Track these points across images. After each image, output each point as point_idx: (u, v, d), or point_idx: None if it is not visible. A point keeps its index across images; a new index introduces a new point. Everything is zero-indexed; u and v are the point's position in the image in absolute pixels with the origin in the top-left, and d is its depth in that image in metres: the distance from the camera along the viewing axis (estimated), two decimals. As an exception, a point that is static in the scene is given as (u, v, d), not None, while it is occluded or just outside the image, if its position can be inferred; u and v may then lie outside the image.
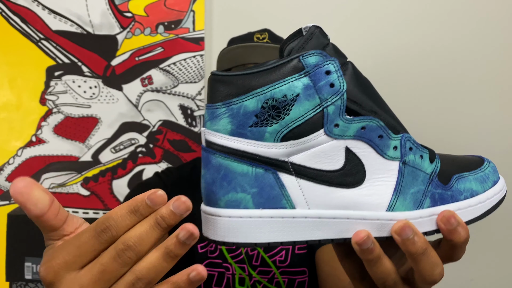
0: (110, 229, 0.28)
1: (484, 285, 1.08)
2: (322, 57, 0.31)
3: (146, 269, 0.28)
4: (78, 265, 0.28)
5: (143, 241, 0.28)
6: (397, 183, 0.33)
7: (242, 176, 0.31)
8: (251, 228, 0.31)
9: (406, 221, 0.32)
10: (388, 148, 0.33)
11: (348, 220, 0.32)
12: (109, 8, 1.13)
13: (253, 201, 0.31)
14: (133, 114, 1.13)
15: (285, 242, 0.32)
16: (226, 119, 0.31)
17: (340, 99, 0.31)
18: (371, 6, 1.10)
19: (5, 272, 1.13)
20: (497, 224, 1.08)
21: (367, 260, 0.32)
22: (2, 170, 1.14)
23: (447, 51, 1.09)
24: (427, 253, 0.32)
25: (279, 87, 0.31)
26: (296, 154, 0.32)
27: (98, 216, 1.12)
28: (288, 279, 0.74)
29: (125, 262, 0.28)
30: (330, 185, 0.32)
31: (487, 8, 1.08)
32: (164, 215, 0.28)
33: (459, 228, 0.33)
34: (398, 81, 1.09)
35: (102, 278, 0.28)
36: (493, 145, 1.08)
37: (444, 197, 0.35)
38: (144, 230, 0.28)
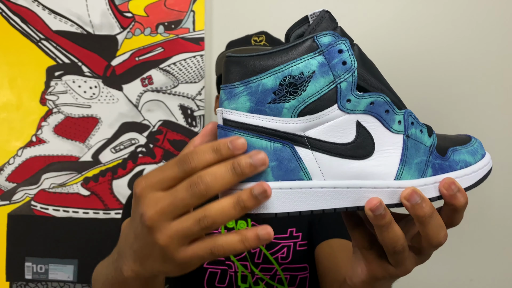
0: (190, 161, 0.30)
1: (484, 285, 1.08)
2: (335, 37, 0.33)
3: (215, 210, 0.30)
4: (160, 188, 0.31)
5: (216, 179, 0.30)
6: (402, 154, 0.36)
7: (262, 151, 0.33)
8: (272, 199, 0.32)
9: (414, 187, 0.35)
10: (394, 122, 0.36)
11: (360, 189, 0.35)
12: (109, 8, 1.13)
13: (272, 173, 0.33)
14: (133, 114, 1.14)
15: (303, 211, 0.33)
16: (245, 97, 0.33)
17: (351, 75, 0.33)
18: (369, 8, 1.10)
19: (5, 272, 1.13)
20: (497, 224, 1.08)
21: (379, 225, 0.34)
22: (2, 170, 1.14)
23: (446, 51, 1.09)
24: (433, 217, 0.35)
25: (296, 65, 0.32)
26: (312, 128, 0.33)
27: (98, 216, 1.12)
28: (290, 275, 0.75)
29: (195, 194, 0.30)
30: (343, 157, 0.34)
31: (487, 8, 1.08)
32: (241, 162, 0.30)
33: (459, 193, 0.36)
34: (396, 80, 1.10)
35: (173, 204, 0.30)
36: (493, 145, 1.08)
37: (443, 167, 0.38)
38: (219, 170, 0.30)
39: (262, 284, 0.75)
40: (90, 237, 1.12)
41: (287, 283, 0.75)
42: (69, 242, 1.12)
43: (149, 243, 0.32)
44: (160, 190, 0.31)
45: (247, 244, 0.31)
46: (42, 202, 1.14)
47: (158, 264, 0.34)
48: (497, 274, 1.08)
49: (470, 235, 1.08)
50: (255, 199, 0.30)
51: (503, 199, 1.08)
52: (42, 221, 1.13)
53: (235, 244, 0.31)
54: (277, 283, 0.75)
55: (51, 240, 1.13)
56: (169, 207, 0.31)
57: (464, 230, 1.08)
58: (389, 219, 0.34)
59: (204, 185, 0.30)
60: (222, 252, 0.31)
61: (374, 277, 0.39)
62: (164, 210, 0.31)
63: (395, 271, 0.38)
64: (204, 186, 0.30)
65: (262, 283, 0.75)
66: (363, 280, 0.40)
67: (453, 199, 0.36)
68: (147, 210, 0.31)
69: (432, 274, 1.09)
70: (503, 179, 1.08)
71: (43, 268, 1.13)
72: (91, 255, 1.12)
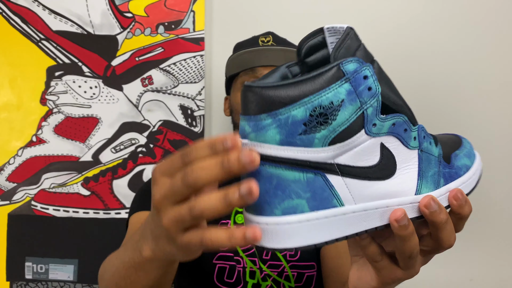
0: (190, 154, 0.33)
1: (484, 285, 1.08)
2: (359, 64, 0.33)
3: (204, 202, 0.31)
4: (167, 174, 0.34)
5: (204, 171, 0.31)
6: (419, 169, 0.37)
7: (295, 183, 0.33)
8: (310, 231, 0.33)
9: (431, 195, 0.37)
10: (411, 139, 0.37)
11: (387, 208, 0.36)
12: (110, 8, 1.13)
13: (308, 205, 0.33)
14: (133, 114, 1.14)
15: (339, 238, 0.34)
16: (274, 130, 0.32)
17: (376, 100, 0.34)
18: (370, 7, 1.10)
19: (6, 272, 1.13)
20: (497, 224, 1.08)
21: (403, 235, 0.36)
22: (3, 170, 1.14)
23: (444, 50, 1.09)
24: (448, 222, 0.38)
25: (326, 95, 0.32)
26: (341, 155, 0.34)
27: (99, 216, 1.12)
28: (297, 273, 0.77)
29: (185, 184, 0.32)
30: (370, 179, 0.35)
31: (487, 8, 1.08)
32: (230, 159, 0.31)
33: (465, 203, 0.39)
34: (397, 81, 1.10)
35: (171, 190, 0.33)
36: (493, 145, 1.08)
37: (451, 174, 0.40)
38: (208, 163, 0.31)
39: (270, 280, 0.76)
40: (90, 237, 1.12)
41: (294, 280, 0.76)
42: (69, 242, 1.12)
43: (159, 224, 0.35)
44: (167, 176, 0.34)
45: (233, 242, 0.32)
46: (42, 202, 1.14)
47: (167, 245, 0.36)
48: (497, 274, 1.08)
49: (470, 235, 1.08)
50: (240, 198, 0.30)
51: (503, 199, 1.08)
52: (42, 221, 1.13)
53: (222, 240, 0.32)
54: (284, 280, 0.76)
55: (51, 240, 1.13)
56: (169, 192, 0.33)
57: (464, 230, 1.08)
58: (412, 229, 0.37)
59: (193, 177, 0.31)
60: (210, 245, 0.32)
61: (385, 283, 0.41)
62: (166, 194, 0.33)
63: (405, 275, 0.40)
64: (193, 177, 0.31)
65: (269, 279, 0.76)
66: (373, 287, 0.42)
67: (460, 208, 0.39)
68: (156, 192, 0.34)
69: (432, 274, 1.09)
70: (503, 179, 1.08)
71: (43, 268, 1.13)
72: (91, 255, 1.12)
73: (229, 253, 0.76)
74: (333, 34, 0.37)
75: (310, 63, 0.38)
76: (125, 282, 0.46)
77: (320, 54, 0.38)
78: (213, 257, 0.76)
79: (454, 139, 0.44)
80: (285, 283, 0.76)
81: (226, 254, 0.76)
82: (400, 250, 0.38)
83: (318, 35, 0.37)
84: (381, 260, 0.40)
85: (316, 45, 0.38)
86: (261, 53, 0.80)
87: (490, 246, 1.08)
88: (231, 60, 0.86)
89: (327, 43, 0.37)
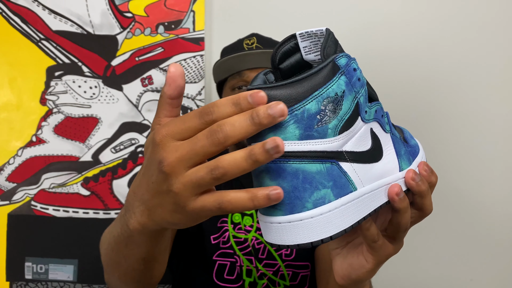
0: (212, 113, 0.31)
1: (484, 285, 1.08)
2: (348, 58, 0.36)
3: (227, 161, 0.30)
4: (180, 136, 0.32)
5: (235, 128, 0.30)
6: (395, 149, 0.42)
7: (318, 174, 0.34)
8: (339, 218, 0.35)
9: (412, 169, 0.42)
10: (385, 124, 0.41)
11: (386, 186, 0.40)
12: (109, 8, 1.13)
13: (333, 193, 0.35)
14: (133, 114, 1.14)
15: (360, 220, 0.37)
16: (293, 125, 0.33)
17: (365, 90, 0.37)
18: (360, 5, 1.10)
19: (5, 272, 1.13)
20: (497, 224, 1.08)
21: (402, 208, 0.40)
22: (3, 170, 1.14)
23: (442, 50, 1.09)
24: (429, 190, 0.43)
25: (331, 87, 0.34)
26: (347, 142, 0.36)
27: (98, 216, 1.12)
28: (292, 272, 0.78)
29: (214, 142, 0.31)
30: (369, 162, 0.38)
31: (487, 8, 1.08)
32: (259, 112, 0.30)
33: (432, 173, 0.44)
34: (386, 83, 1.10)
35: (192, 150, 0.31)
36: (493, 145, 1.08)
37: (412, 152, 0.45)
38: (238, 119, 0.31)
39: (265, 279, 0.77)
40: (90, 237, 1.12)
41: (289, 279, 0.78)
42: (69, 242, 1.12)
43: (163, 191, 0.33)
44: (180, 139, 0.32)
45: (256, 203, 0.31)
46: (42, 202, 1.14)
47: (168, 214, 0.34)
48: (497, 274, 1.08)
49: (470, 235, 1.08)
50: (267, 153, 0.30)
51: (503, 199, 1.08)
52: (42, 221, 1.13)
53: (244, 201, 0.31)
54: (279, 279, 0.77)
55: (51, 240, 1.13)
56: (188, 154, 0.31)
57: (464, 230, 1.08)
58: (407, 201, 0.41)
59: (223, 133, 0.30)
60: (230, 208, 0.32)
61: (380, 262, 0.44)
62: (184, 157, 0.32)
63: (394, 250, 0.44)
64: (223, 134, 0.30)
65: (265, 278, 0.77)
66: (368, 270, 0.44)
67: (429, 177, 0.43)
68: (167, 156, 0.32)
69: (432, 274, 1.09)
70: (503, 179, 1.08)
71: (43, 268, 1.13)
72: (91, 255, 1.12)
73: (229, 250, 0.77)
74: (306, 39, 0.39)
75: (284, 68, 0.40)
76: (118, 256, 0.46)
77: (293, 59, 0.40)
78: (214, 254, 0.77)
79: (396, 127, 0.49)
80: (280, 282, 0.77)
81: (226, 251, 0.77)
82: (399, 223, 0.42)
83: (290, 41, 0.39)
84: (378, 239, 0.42)
85: (288, 51, 0.40)
86: (244, 57, 0.83)
87: (490, 246, 1.08)
88: (217, 66, 0.88)
89: (300, 47, 0.39)
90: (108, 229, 0.52)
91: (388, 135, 0.41)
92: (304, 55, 0.39)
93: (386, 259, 0.44)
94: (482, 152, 1.08)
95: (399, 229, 0.42)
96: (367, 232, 0.41)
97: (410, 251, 1.07)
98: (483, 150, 1.08)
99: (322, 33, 0.38)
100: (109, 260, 0.49)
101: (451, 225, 1.08)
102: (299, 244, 0.35)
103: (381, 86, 1.08)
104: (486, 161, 1.08)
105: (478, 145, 1.08)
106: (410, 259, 1.09)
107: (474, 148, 1.08)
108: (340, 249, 0.47)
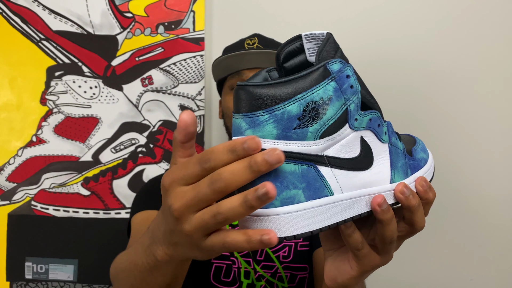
0: (210, 160, 0.33)
1: (484, 285, 1.08)
2: (342, 64, 0.36)
3: (226, 207, 0.32)
4: (185, 182, 0.34)
5: (234, 176, 0.32)
6: (390, 160, 0.42)
7: (291, 174, 0.35)
8: (306, 219, 0.35)
9: (404, 182, 0.42)
10: (383, 134, 0.41)
11: (369, 196, 0.40)
12: (109, 9, 1.13)
13: (304, 195, 0.35)
14: (133, 114, 1.14)
15: (331, 224, 0.37)
16: (271, 125, 0.34)
17: (357, 97, 0.37)
18: (361, 7, 1.10)
19: (6, 272, 1.14)
20: (497, 224, 1.08)
21: (385, 219, 0.40)
22: (3, 170, 1.14)
23: (441, 51, 1.09)
24: (420, 206, 0.42)
25: (317, 91, 0.35)
26: (329, 148, 0.37)
27: (99, 216, 1.12)
28: (290, 274, 0.78)
29: (215, 190, 0.32)
30: (353, 170, 0.38)
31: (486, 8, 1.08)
32: (257, 160, 0.32)
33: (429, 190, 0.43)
34: (384, 83, 1.10)
35: (196, 198, 0.33)
36: (492, 145, 1.08)
37: (415, 166, 0.45)
38: (237, 167, 0.32)
39: (263, 281, 0.77)
40: (90, 237, 1.12)
41: (287, 281, 0.77)
42: (69, 242, 1.13)
43: (178, 231, 0.35)
44: (185, 184, 0.34)
45: (251, 245, 0.33)
46: (42, 202, 1.14)
47: (188, 250, 0.37)
48: (497, 274, 1.08)
49: (470, 235, 1.08)
50: (258, 199, 0.31)
51: (503, 199, 1.08)
52: (42, 221, 1.13)
53: (241, 244, 0.33)
54: (277, 281, 0.77)
55: (51, 240, 1.13)
56: (192, 201, 0.33)
57: (464, 230, 1.08)
58: (392, 213, 0.40)
59: (223, 182, 0.32)
60: (232, 248, 0.34)
61: (364, 272, 0.44)
62: (189, 203, 0.34)
63: (382, 261, 0.44)
64: (223, 183, 0.32)
65: (263, 280, 0.77)
66: (352, 277, 0.44)
67: (426, 194, 0.43)
68: (174, 202, 0.34)
69: (432, 274, 1.09)
70: (503, 179, 1.08)
71: (43, 268, 1.13)
72: (91, 255, 1.12)
73: (226, 253, 0.77)
74: (310, 40, 0.40)
75: (288, 67, 0.41)
76: (142, 284, 0.46)
77: (297, 59, 0.41)
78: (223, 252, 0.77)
79: (409, 138, 0.50)
80: (278, 284, 0.77)
81: (224, 254, 0.77)
82: (382, 235, 0.41)
83: (296, 42, 0.40)
84: (362, 248, 0.42)
85: (293, 51, 0.41)
86: (244, 56, 0.83)
87: (490, 246, 1.08)
88: (217, 64, 0.88)
89: (305, 49, 0.40)
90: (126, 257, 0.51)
91: (385, 145, 0.41)
92: (308, 56, 0.40)
93: (371, 269, 0.44)
94: (483, 152, 1.08)
95: (384, 241, 0.42)
96: (349, 238, 0.42)
97: (410, 251, 1.07)
98: (483, 150, 1.08)
99: (324, 36, 0.38)
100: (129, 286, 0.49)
101: (451, 225, 1.08)
102: None
103: (381, 86, 1.08)
104: (486, 161, 1.08)
105: (478, 145, 1.08)
106: (410, 259, 1.09)
107: (474, 148, 1.08)
108: (332, 251, 0.47)
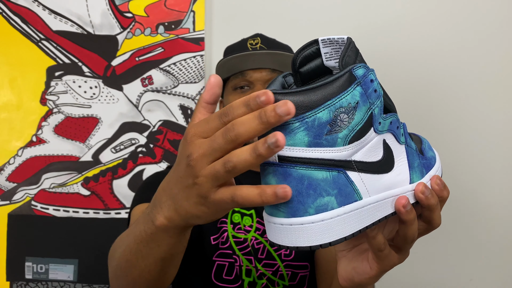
0: (228, 114, 0.35)
1: (484, 285, 1.08)
2: (366, 69, 0.37)
3: (236, 155, 0.34)
4: (205, 135, 0.36)
5: (244, 126, 0.33)
6: (408, 161, 0.42)
7: (323, 181, 0.35)
8: (340, 225, 0.36)
9: (423, 182, 0.42)
10: (401, 135, 0.41)
11: (393, 198, 0.40)
12: (110, 9, 1.13)
13: (336, 201, 0.36)
14: (133, 114, 1.14)
15: (362, 229, 0.37)
16: (302, 132, 0.35)
17: (380, 101, 0.38)
18: (366, 7, 1.10)
19: (6, 272, 1.14)
20: (497, 224, 1.08)
21: (409, 220, 0.41)
22: (3, 170, 1.14)
23: (443, 50, 1.09)
24: (438, 204, 0.43)
25: (345, 97, 0.35)
26: (356, 152, 0.37)
27: (99, 216, 1.12)
28: (291, 272, 0.78)
29: (228, 140, 0.34)
30: (378, 173, 0.39)
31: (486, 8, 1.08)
32: (267, 111, 0.33)
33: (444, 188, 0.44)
34: (391, 83, 1.10)
35: (211, 147, 0.35)
36: (492, 145, 1.08)
37: (427, 164, 0.45)
38: (247, 118, 0.34)
39: (265, 279, 0.77)
40: (90, 237, 1.12)
41: (288, 279, 0.78)
42: (69, 242, 1.13)
43: (189, 184, 0.37)
44: (205, 137, 0.37)
45: (263, 198, 0.34)
46: (42, 202, 1.14)
47: (193, 207, 0.38)
48: (497, 274, 1.08)
49: (470, 235, 1.08)
50: (268, 147, 0.32)
51: (503, 200, 1.08)
52: (42, 221, 1.13)
53: (253, 196, 0.34)
54: (278, 279, 0.77)
55: (51, 240, 1.13)
56: (208, 150, 0.35)
57: (464, 231, 1.08)
58: (415, 213, 0.41)
59: (235, 132, 0.34)
60: (241, 201, 0.35)
61: (383, 271, 0.45)
62: (205, 152, 0.36)
63: (400, 259, 0.45)
64: (235, 133, 0.34)
65: (264, 278, 0.77)
66: (371, 277, 0.45)
67: (441, 192, 0.44)
68: (193, 151, 0.36)
69: (432, 274, 1.09)
70: (503, 179, 1.08)
71: (43, 268, 1.13)
72: (91, 255, 1.12)
73: (228, 251, 0.78)
74: (328, 45, 0.39)
75: (304, 72, 0.41)
76: (136, 257, 0.47)
77: (313, 63, 0.41)
78: (213, 255, 0.77)
79: (415, 137, 0.50)
80: (279, 282, 0.78)
81: (225, 251, 0.78)
82: (405, 235, 0.42)
83: (312, 46, 0.40)
84: (384, 249, 0.43)
85: (310, 56, 0.41)
86: (248, 57, 0.83)
87: (490, 246, 1.08)
88: (221, 65, 0.88)
89: (321, 53, 0.40)
90: (124, 233, 0.53)
91: (402, 146, 0.42)
92: (325, 61, 0.40)
93: (390, 268, 0.44)
94: (483, 152, 1.08)
95: (406, 240, 0.43)
96: (374, 240, 0.42)
97: (410, 251, 1.07)
98: (483, 150, 1.08)
99: (344, 41, 0.39)
100: (124, 262, 0.49)
101: (451, 225, 1.08)
102: (298, 247, 0.36)
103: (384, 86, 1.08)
104: (486, 161, 1.08)
105: (479, 146, 1.08)
106: (410, 259, 1.08)
107: (474, 148, 1.08)
108: (346, 252, 0.48)
